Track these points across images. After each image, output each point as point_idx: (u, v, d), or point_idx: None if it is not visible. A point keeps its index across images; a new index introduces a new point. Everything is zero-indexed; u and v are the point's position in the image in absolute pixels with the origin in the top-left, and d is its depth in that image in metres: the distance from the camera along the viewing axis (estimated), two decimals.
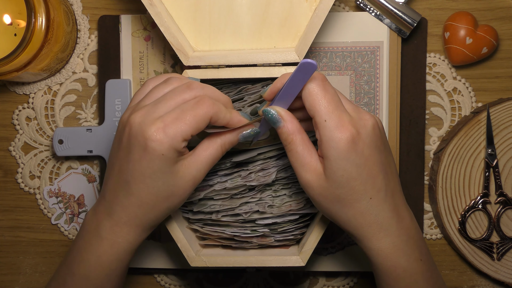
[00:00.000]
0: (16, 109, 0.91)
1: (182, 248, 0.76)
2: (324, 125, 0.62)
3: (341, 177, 0.63)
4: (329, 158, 0.63)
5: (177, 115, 0.64)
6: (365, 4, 0.85)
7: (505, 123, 0.85)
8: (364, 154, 0.63)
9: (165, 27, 0.75)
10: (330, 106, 0.63)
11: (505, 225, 0.86)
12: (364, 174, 0.64)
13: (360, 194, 0.64)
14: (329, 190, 0.64)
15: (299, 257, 0.75)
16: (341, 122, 0.62)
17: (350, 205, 0.65)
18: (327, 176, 0.64)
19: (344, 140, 0.62)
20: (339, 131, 0.62)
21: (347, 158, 0.62)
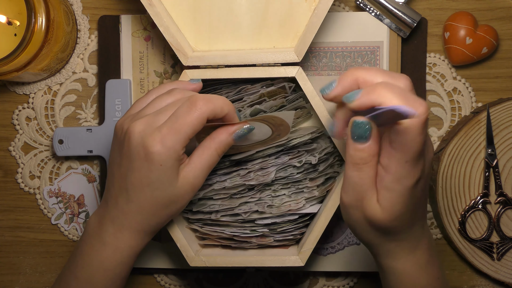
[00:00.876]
0: (16, 109, 0.91)
1: (182, 248, 0.76)
2: (403, 164, 0.57)
3: (398, 211, 0.60)
4: (394, 191, 0.59)
5: (172, 124, 0.64)
6: (365, 4, 0.85)
7: (505, 123, 0.85)
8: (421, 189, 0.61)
9: (165, 27, 0.75)
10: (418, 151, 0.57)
11: (505, 225, 0.86)
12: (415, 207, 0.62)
13: (407, 225, 0.62)
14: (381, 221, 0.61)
15: (298, 257, 0.75)
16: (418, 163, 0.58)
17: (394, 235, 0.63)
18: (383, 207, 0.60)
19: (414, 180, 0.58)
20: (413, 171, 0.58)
21: (409, 194, 0.59)
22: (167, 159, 0.65)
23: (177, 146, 0.65)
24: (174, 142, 0.64)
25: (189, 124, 0.64)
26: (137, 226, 0.69)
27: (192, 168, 0.68)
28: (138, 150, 0.65)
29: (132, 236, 0.70)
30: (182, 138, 0.64)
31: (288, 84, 0.77)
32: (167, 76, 0.87)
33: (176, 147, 0.65)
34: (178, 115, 0.65)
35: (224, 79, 0.78)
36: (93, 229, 0.71)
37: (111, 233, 0.69)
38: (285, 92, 0.77)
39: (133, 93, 0.87)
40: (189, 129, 0.65)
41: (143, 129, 0.65)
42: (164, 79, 0.87)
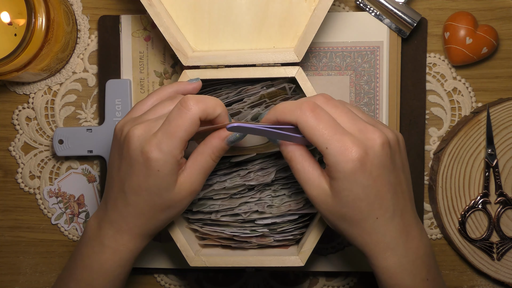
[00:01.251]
0: (16, 109, 0.91)
1: (182, 248, 0.76)
2: (327, 152, 0.61)
3: (347, 197, 0.62)
4: (336, 179, 0.62)
5: (166, 128, 0.64)
6: (365, 4, 0.85)
7: (505, 123, 0.85)
8: (372, 174, 0.62)
9: (164, 27, 0.75)
10: (327, 133, 0.61)
11: (505, 225, 0.86)
12: (371, 195, 0.63)
13: (365, 214, 0.63)
14: (335, 208, 0.64)
15: (298, 257, 0.75)
16: (344, 145, 0.61)
17: (356, 224, 0.64)
18: (334, 194, 0.63)
19: (349, 162, 0.61)
20: (343, 155, 0.61)
21: (353, 179, 0.61)
22: (164, 164, 0.64)
23: (174, 150, 0.64)
24: (170, 147, 0.64)
25: (182, 126, 0.64)
26: (135, 230, 0.69)
27: (187, 174, 0.67)
28: (137, 155, 0.65)
29: (131, 239, 0.70)
30: (177, 142, 0.64)
31: (288, 85, 0.77)
32: (167, 76, 0.87)
33: (173, 152, 0.64)
34: (170, 119, 0.64)
35: (224, 79, 0.78)
36: (93, 231, 0.71)
37: (110, 235, 0.70)
38: (285, 93, 0.77)
39: (133, 93, 0.87)
40: (183, 132, 0.64)
41: (142, 134, 0.65)
42: (164, 79, 0.87)
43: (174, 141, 0.64)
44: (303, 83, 0.75)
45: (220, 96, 0.77)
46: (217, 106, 0.66)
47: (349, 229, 0.65)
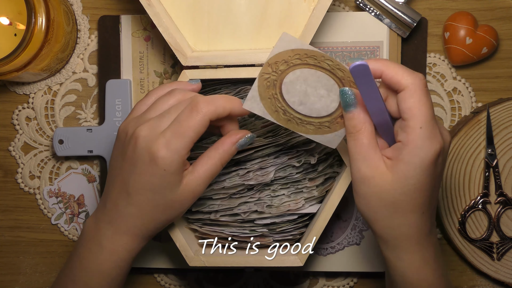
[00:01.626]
0: (16, 109, 0.91)
1: (181, 248, 0.76)
2: (418, 132, 0.59)
3: (412, 186, 0.61)
4: (410, 163, 0.60)
5: (176, 129, 0.65)
6: (365, 4, 0.85)
7: (505, 123, 0.85)
8: (437, 170, 0.62)
9: (164, 28, 0.75)
10: (428, 114, 0.60)
11: (505, 225, 0.86)
12: (430, 189, 0.62)
13: (418, 206, 0.63)
14: (389, 192, 0.62)
15: (297, 257, 0.75)
16: (434, 133, 0.60)
17: (403, 214, 0.63)
18: (395, 179, 0.61)
19: (433, 151, 0.60)
20: (431, 142, 0.60)
21: (427, 169, 0.60)
22: (171, 163, 0.65)
23: (182, 150, 0.65)
24: (178, 147, 0.65)
25: (192, 128, 0.65)
26: (135, 230, 0.70)
27: (195, 177, 0.68)
28: (143, 155, 0.65)
29: (129, 239, 0.70)
30: (186, 142, 0.65)
31: None
32: (167, 76, 0.87)
33: (181, 152, 0.65)
34: (181, 119, 0.65)
35: (223, 79, 0.78)
36: (90, 232, 0.71)
37: (109, 236, 0.70)
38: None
39: (133, 93, 0.87)
40: (193, 133, 0.65)
41: (148, 134, 0.65)
42: (164, 79, 0.87)
43: (183, 141, 0.65)
44: None
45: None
46: (226, 104, 0.66)
47: (392, 217, 0.63)
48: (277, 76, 0.65)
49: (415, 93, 0.60)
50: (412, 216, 0.63)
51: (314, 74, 0.65)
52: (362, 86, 0.59)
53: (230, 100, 0.67)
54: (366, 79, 0.59)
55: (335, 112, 0.66)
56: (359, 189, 0.64)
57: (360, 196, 0.64)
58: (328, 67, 0.64)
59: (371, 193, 0.63)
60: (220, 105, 0.66)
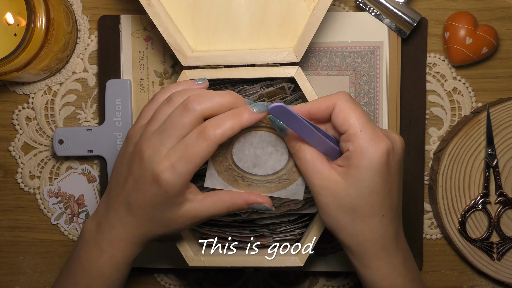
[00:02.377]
0: (16, 109, 0.91)
1: (181, 248, 0.76)
2: (359, 135, 0.62)
3: (365, 188, 0.63)
4: (359, 167, 0.62)
5: (182, 153, 0.64)
6: (365, 4, 0.85)
7: (505, 123, 0.85)
8: (391, 170, 0.63)
9: (164, 28, 0.75)
10: (362, 118, 0.63)
11: (505, 225, 0.86)
12: (386, 191, 0.63)
13: (376, 209, 0.64)
14: (345, 199, 0.64)
15: (297, 257, 0.75)
16: (376, 134, 0.62)
17: (363, 219, 0.64)
18: (349, 185, 0.63)
19: (379, 151, 0.62)
20: (375, 142, 0.62)
21: (378, 170, 0.62)
22: (174, 187, 0.65)
23: (186, 175, 0.64)
24: (183, 171, 0.64)
25: (200, 154, 0.64)
26: (133, 238, 0.70)
27: (198, 208, 0.68)
28: (146, 174, 0.65)
29: (128, 246, 0.70)
30: (192, 168, 0.64)
31: (287, 84, 0.77)
32: (167, 76, 0.87)
33: (185, 176, 0.64)
34: (187, 143, 0.64)
35: (223, 79, 0.78)
36: (91, 234, 0.71)
37: (108, 240, 0.70)
38: (284, 93, 0.77)
39: (133, 93, 0.87)
40: (200, 159, 0.64)
41: (152, 154, 0.65)
42: (164, 79, 0.87)
43: (188, 167, 0.64)
44: (302, 83, 0.75)
45: None
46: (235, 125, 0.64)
47: (352, 224, 0.64)
48: (225, 150, 0.69)
49: (344, 105, 0.63)
50: (372, 221, 0.64)
51: (256, 135, 0.69)
52: (289, 124, 0.63)
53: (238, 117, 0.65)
54: (288, 117, 0.62)
55: (288, 162, 0.69)
56: (318, 200, 0.66)
57: (320, 206, 0.66)
58: (264, 124, 0.68)
59: (329, 202, 0.65)
60: (228, 128, 0.64)
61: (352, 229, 0.65)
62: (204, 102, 0.65)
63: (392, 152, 0.63)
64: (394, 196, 0.65)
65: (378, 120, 0.85)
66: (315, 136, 0.64)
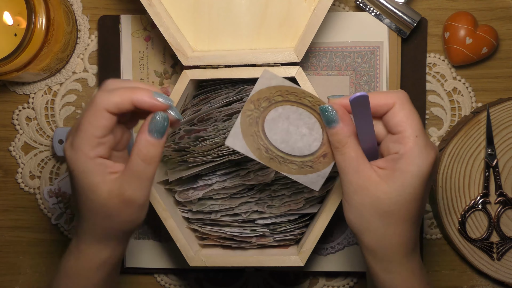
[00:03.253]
0: (16, 109, 0.91)
1: (181, 248, 0.76)
2: (415, 140, 0.60)
3: (408, 195, 0.61)
4: (407, 172, 0.60)
5: (76, 127, 0.61)
6: (365, 4, 0.85)
7: (505, 123, 0.85)
8: (431, 180, 0.62)
9: (164, 28, 0.75)
10: (420, 124, 0.61)
11: (505, 225, 0.86)
12: (422, 199, 0.62)
13: (411, 216, 0.62)
14: (384, 202, 0.62)
15: (298, 257, 0.75)
16: (429, 142, 0.61)
17: (396, 224, 0.62)
18: (391, 188, 0.61)
19: (430, 159, 0.60)
20: (427, 150, 0.60)
21: (424, 178, 0.61)
22: (76, 162, 0.60)
23: (83, 147, 0.60)
24: (79, 143, 0.60)
25: (89, 122, 0.60)
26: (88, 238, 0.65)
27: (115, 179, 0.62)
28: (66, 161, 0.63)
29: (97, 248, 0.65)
30: (86, 138, 0.60)
31: None
32: (167, 76, 0.87)
33: (82, 149, 0.60)
34: (80, 117, 0.61)
35: (224, 79, 0.78)
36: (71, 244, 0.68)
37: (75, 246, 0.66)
38: None
39: None
40: (91, 127, 0.60)
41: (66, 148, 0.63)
42: (164, 79, 0.87)
43: (82, 137, 0.60)
44: (303, 83, 0.75)
45: (220, 95, 0.77)
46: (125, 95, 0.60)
47: (384, 227, 0.63)
48: (259, 113, 0.64)
49: (404, 106, 0.61)
50: (404, 226, 0.63)
51: (296, 112, 0.65)
52: (358, 116, 0.60)
53: (132, 90, 0.60)
54: (364, 109, 0.60)
55: (318, 151, 0.66)
56: (352, 199, 0.63)
57: (353, 206, 0.63)
58: (309, 104, 0.65)
59: (365, 203, 0.62)
60: (118, 95, 0.60)
61: (382, 233, 0.63)
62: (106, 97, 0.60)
63: (435, 162, 0.61)
64: (424, 204, 0.64)
65: None
66: (371, 132, 0.62)
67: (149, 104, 0.60)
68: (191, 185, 0.77)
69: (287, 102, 0.65)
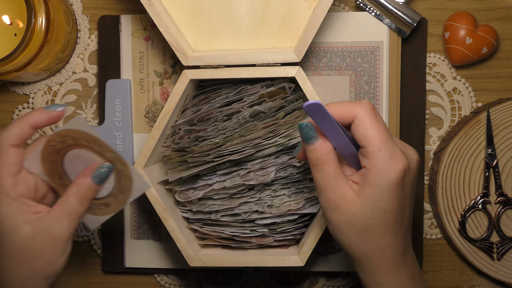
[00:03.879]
0: (16, 109, 0.91)
1: (182, 248, 0.76)
2: (378, 154, 0.60)
3: (381, 208, 0.61)
4: (375, 186, 0.60)
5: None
6: (365, 4, 0.85)
7: (505, 123, 0.85)
8: (406, 189, 0.62)
9: (164, 27, 0.75)
10: (383, 136, 0.60)
11: (505, 225, 0.86)
12: (399, 210, 0.62)
13: (390, 228, 0.62)
14: (360, 218, 0.62)
15: (298, 257, 0.75)
16: (395, 153, 0.60)
17: (376, 238, 0.63)
18: (364, 204, 0.61)
19: (397, 171, 0.60)
20: (393, 161, 0.60)
21: (393, 190, 0.60)
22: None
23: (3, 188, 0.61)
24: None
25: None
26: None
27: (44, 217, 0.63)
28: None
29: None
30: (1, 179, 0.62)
31: (288, 84, 0.77)
32: (167, 76, 0.87)
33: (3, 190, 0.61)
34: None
35: (224, 79, 0.78)
36: None
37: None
38: (285, 93, 0.77)
39: (133, 93, 0.87)
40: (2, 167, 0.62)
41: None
42: (164, 79, 0.87)
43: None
44: (303, 83, 0.75)
45: (220, 95, 0.77)
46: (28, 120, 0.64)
47: (365, 242, 0.63)
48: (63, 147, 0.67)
49: (365, 120, 0.61)
50: (385, 239, 0.63)
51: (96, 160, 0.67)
52: (320, 123, 0.61)
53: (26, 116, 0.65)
54: (322, 116, 0.60)
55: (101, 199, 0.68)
56: (330, 217, 0.63)
57: (332, 223, 0.64)
58: (110, 158, 0.67)
59: (342, 220, 0.63)
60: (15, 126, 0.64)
61: (364, 248, 0.63)
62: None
63: (408, 171, 0.61)
64: (407, 213, 0.64)
65: None
66: (342, 139, 0.62)
67: (46, 118, 0.64)
68: (191, 185, 0.77)
69: (91, 149, 0.67)
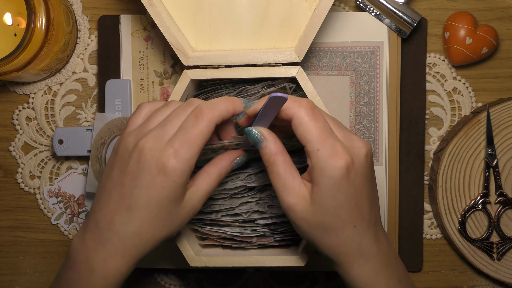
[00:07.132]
0: (16, 109, 0.91)
1: (182, 248, 0.76)
2: (317, 154, 0.60)
3: (329, 205, 0.61)
4: (320, 185, 0.61)
5: (183, 137, 0.62)
6: (365, 4, 0.85)
7: (505, 123, 0.85)
8: (355, 183, 0.62)
9: (165, 27, 0.75)
10: (321, 135, 0.61)
11: (505, 225, 0.86)
12: (352, 203, 0.62)
13: (345, 222, 0.63)
14: (314, 216, 0.62)
15: (299, 257, 0.75)
16: (335, 151, 0.60)
17: (334, 233, 0.63)
18: (314, 201, 0.62)
19: (338, 169, 0.60)
20: (333, 160, 0.60)
21: (338, 187, 0.61)
22: (181, 174, 0.62)
23: (191, 160, 0.62)
24: (188, 156, 0.62)
25: (199, 135, 0.62)
26: (132, 251, 0.65)
27: (197, 191, 0.66)
28: (150, 167, 0.62)
29: (124, 261, 0.65)
30: (195, 151, 0.62)
31: (288, 84, 0.77)
32: (167, 76, 0.87)
33: (190, 161, 0.62)
34: (186, 127, 0.63)
35: (224, 79, 0.78)
36: (79, 254, 0.66)
37: (101, 258, 0.65)
38: (286, 93, 0.77)
39: (133, 93, 0.87)
40: (200, 140, 0.63)
41: (154, 145, 0.62)
42: (164, 79, 0.87)
43: (192, 150, 0.62)
44: (303, 83, 0.75)
45: (221, 95, 0.77)
46: (229, 106, 0.65)
47: (325, 238, 0.64)
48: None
49: (301, 121, 0.61)
50: (344, 233, 0.63)
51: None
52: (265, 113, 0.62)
53: (232, 101, 0.66)
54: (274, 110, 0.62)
55: None
56: (289, 217, 0.64)
57: (293, 223, 0.65)
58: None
59: (299, 219, 0.63)
60: (224, 109, 0.64)
61: (326, 242, 0.64)
62: (215, 110, 0.64)
63: (353, 167, 0.61)
64: (363, 206, 0.63)
65: (378, 120, 0.85)
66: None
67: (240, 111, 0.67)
68: None
69: None
